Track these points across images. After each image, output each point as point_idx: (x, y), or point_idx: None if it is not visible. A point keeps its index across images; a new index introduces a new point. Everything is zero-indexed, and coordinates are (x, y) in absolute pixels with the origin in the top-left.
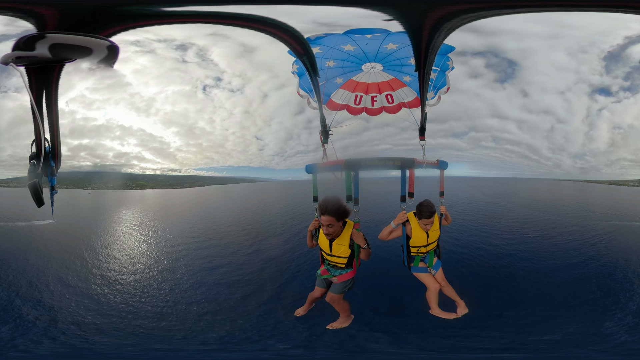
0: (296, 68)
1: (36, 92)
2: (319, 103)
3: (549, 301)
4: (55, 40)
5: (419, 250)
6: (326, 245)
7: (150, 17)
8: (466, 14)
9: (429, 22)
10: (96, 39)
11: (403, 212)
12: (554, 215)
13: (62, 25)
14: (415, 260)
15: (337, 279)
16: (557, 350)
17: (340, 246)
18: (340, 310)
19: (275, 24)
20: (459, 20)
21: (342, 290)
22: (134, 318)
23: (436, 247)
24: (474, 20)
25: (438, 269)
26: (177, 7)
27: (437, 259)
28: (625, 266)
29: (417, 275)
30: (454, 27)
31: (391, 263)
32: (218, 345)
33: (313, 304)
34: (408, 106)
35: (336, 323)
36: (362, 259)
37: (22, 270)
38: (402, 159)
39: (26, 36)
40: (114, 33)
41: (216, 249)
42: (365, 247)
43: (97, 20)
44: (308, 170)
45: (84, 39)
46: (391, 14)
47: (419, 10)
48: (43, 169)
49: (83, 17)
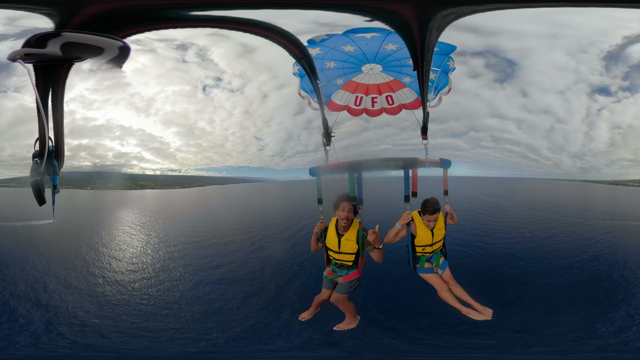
0: (297, 69)
1: (42, 90)
2: (320, 106)
3: (547, 301)
4: (70, 39)
5: (424, 249)
6: (335, 242)
7: (153, 21)
8: (449, 8)
9: (411, 19)
10: (110, 39)
11: (407, 212)
12: (553, 214)
13: (83, 25)
14: (420, 260)
15: (342, 279)
16: (554, 346)
17: (349, 242)
18: (345, 311)
19: (272, 28)
20: (443, 17)
21: (348, 291)
22: (135, 318)
23: (442, 247)
24: (458, 17)
25: (445, 269)
26: (177, 11)
27: (443, 259)
28: (623, 266)
29: (423, 276)
30: (443, 24)
31: (396, 263)
32: (223, 346)
33: (319, 308)
34: (409, 107)
35: (343, 324)
36: (376, 261)
37: (22, 269)
38: (405, 159)
39: (40, 34)
40: (131, 34)
41: (218, 248)
42: (381, 247)
43: (118, 21)
44: (312, 172)
45: (98, 39)
46: (369, 15)
47: (394, 10)
48: (46, 168)
49: (106, 18)
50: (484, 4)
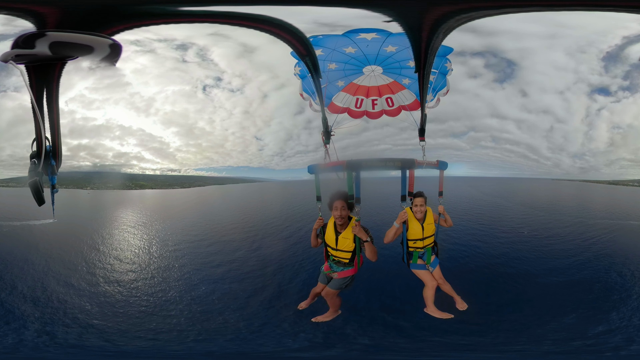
0: (298, 70)
1: (36, 90)
2: (320, 104)
3: (544, 300)
4: (55, 38)
5: (416, 244)
6: (333, 239)
7: (154, 16)
8: (463, 13)
9: (427, 22)
10: (97, 37)
11: (404, 211)
12: (552, 214)
13: (63, 23)
14: (413, 257)
15: (337, 274)
16: (551, 347)
17: (346, 239)
18: (331, 305)
19: (279, 24)
20: (455, 20)
21: (339, 287)
22: (139, 318)
23: (434, 245)
24: (470, 20)
25: (435, 267)
26: (181, 6)
27: (434, 257)
28: (622, 265)
29: (415, 272)
30: (452, 27)
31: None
32: (229, 343)
33: (315, 298)
34: (408, 109)
35: (321, 317)
36: (370, 259)
37: (22, 269)
38: (403, 160)
39: (25, 34)
40: (117, 32)
41: (219, 247)
42: (367, 239)
43: (98, 19)
44: (310, 170)
45: (84, 37)
46: (390, 15)
47: (418, 10)
48: (44, 168)
49: (85, 15)
50: (495, 8)
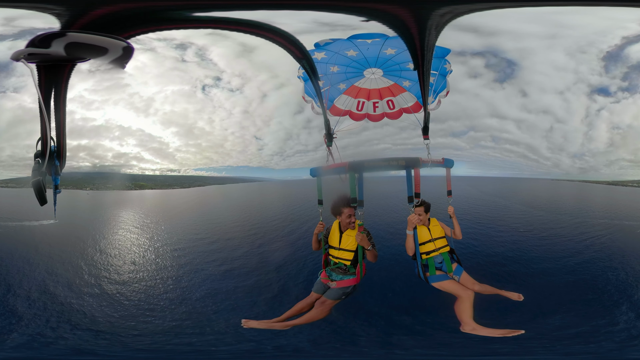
0: (302, 72)
1: (45, 90)
2: (322, 106)
3: (542, 300)
4: (74, 39)
5: (427, 246)
6: (336, 239)
7: (175, 21)
8: (439, 8)
9: (408, 20)
10: (114, 40)
11: (411, 215)
12: (552, 214)
13: (89, 25)
14: (429, 267)
15: (335, 284)
16: (550, 348)
17: (349, 237)
18: (317, 315)
19: (272, 29)
20: (440, 16)
21: (339, 297)
22: (139, 318)
23: (452, 252)
24: (455, 17)
25: (461, 274)
26: (179, 12)
27: (456, 265)
28: (621, 265)
29: (438, 286)
30: (441, 23)
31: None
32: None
33: (299, 313)
34: (411, 111)
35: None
36: (370, 261)
37: (21, 270)
38: (407, 159)
39: (46, 33)
40: (134, 35)
41: (220, 245)
42: (369, 248)
43: (122, 23)
44: (312, 173)
45: (103, 39)
46: (367, 16)
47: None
48: (47, 168)
49: (112, 19)
50: (479, 2)
